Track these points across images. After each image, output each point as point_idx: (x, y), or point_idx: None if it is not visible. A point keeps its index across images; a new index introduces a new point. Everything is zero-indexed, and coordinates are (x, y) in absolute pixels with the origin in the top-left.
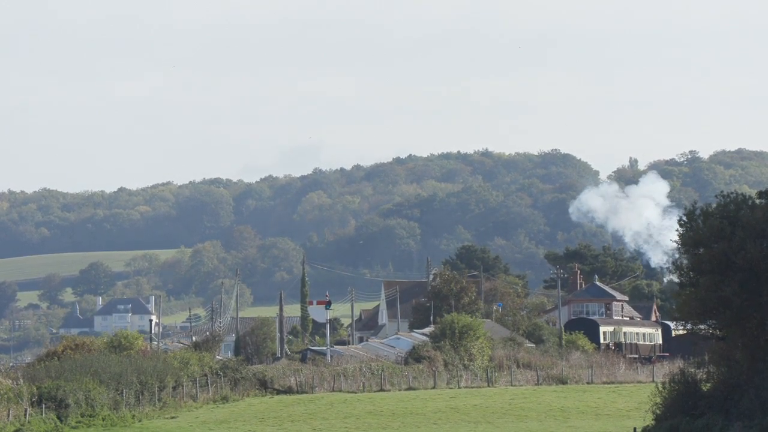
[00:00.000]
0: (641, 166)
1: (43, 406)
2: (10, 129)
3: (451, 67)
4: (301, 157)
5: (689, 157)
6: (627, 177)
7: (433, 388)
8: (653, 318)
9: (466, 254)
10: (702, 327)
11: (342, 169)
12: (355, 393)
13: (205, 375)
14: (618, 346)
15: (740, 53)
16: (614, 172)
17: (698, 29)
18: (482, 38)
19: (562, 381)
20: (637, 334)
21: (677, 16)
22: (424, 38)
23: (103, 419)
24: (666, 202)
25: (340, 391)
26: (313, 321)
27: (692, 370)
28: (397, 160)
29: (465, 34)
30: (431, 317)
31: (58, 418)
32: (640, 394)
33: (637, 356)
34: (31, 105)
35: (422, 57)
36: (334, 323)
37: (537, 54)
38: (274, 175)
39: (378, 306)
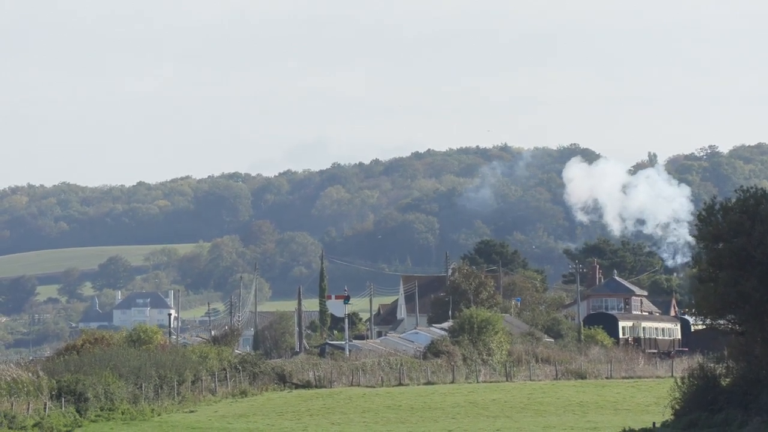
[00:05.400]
0: (660, 161)
1: (63, 399)
2: (29, 123)
3: (466, 62)
4: (314, 152)
5: (708, 151)
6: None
7: (452, 382)
8: (672, 313)
9: (485, 249)
10: (721, 322)
11: (360, 164)
12: (374, 387)
13: (224, 369)
14: (637, 341)
15: (759, 47)
16: (633, 166)
17: (716, 24)
18: (497, 33)
19: (581, 376)
20: (656, 329)
21: (695, 11)
22: (438, 34)
23: (123, 413)
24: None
25: (359, 385)
26: (332, 315)
27: (711, 365)
28: (416, 155)
29: (479, 30)
30: (450, 312)
31: (78, 411)
32: (659, 389)
33: (656, 351)
34: (50, 100)
35: (437, 53)
36: (353, 318)
37: (554, 49)
38: (293, 170)
39: (396, 301)
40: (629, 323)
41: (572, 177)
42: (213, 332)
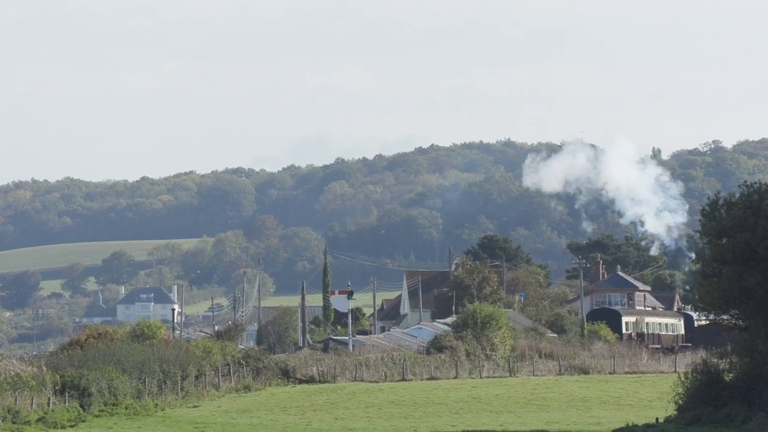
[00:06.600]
0: (664, 156)
1: (66, 394)
2: (33, 118)
3: (469, 57)
4: (317, 147)
5: (712, 146)
6: None
7: (455, 377)
8: (676, 308)
9: (488, 244)
10: (725, 317)
11: (364, 159)
12: (377, 382)
13: (228, 364)
14: (640, 336)
15: (764, 43)
16: (636, 162)
17: (720, 20)
18: (501, 28)
19: (585, 371)
20: (660, 324)
21: (699, 7)
22: (442, 29)
23: (126, 408)
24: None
25: (362, 380)
26: (335, 311)
27: (715, 360)
28: (419, 150)
29: (483, 25)
30: (453, 307)
31: (81, 406)
32: (662, 385)
33: (659, 346)
34: (53, 95)
35: (440, 48)
36: (356, 313)
37: (559, 45)
38: (297, 165)
39: (400, 296)
40: (632, 318)
41: (542, 178)
42: (216, 327)
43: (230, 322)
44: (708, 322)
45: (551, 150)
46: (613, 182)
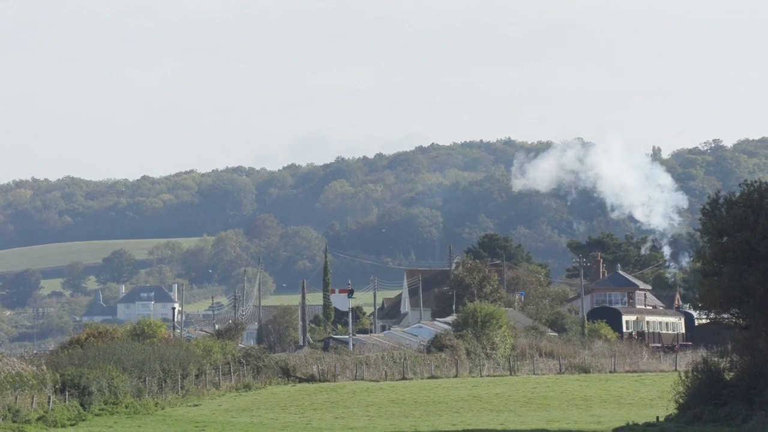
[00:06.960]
0: (664, 155)
1: (67, 393)
2: (33, 117)
3: (469, 56)
4: (318, 146)
5: (713, 145)
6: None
7: (456, 376)
8: (676, 307)
9: (489, 243)
10: (725, 316)
11: (364, 158)
12: (377, 381)
13: (228, 363)
14: (641, 335)
15: (764, 41)
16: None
17: (720, 18)
18: (501, 28)
19: (585, 370)
20: (660, 323)
21: (698, 5)
22: (442, 29)
23: (126, 407)
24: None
25: (362, 379)
26: (336, 309)
27: (715, 359)
28: (420, 149)
29: (483, 25)
30: (453, 306)
31: (82, 405)
32: (662, 383)
33: (659, 345)
34: (54, 94)
35: (440, 48)
36: (357, 312)
37: (559, 43)
38: (297, 164)
39: (400, 295)
40: (633, 317)
41: (531, 179)
42: (217, 326)
43: (231, 321)
44: (708, 320)
45: (540, 149)
46: (602, 178)
